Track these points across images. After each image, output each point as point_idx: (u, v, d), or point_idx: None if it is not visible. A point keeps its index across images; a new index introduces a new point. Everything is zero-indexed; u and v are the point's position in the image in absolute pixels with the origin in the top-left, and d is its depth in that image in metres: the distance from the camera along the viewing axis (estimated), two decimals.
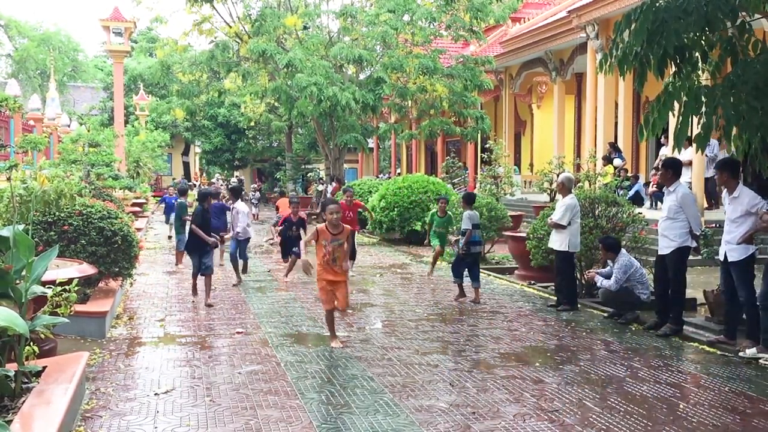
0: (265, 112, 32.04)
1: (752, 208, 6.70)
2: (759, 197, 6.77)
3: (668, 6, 5.10)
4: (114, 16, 26.38)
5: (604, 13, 16.18)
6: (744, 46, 5.21)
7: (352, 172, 38.48)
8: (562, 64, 20.31)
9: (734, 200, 6.86)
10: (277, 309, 8.87)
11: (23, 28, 51.82)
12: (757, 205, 6.68)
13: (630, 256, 8.54)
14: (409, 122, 27.47)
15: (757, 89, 4.75)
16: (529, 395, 5.55)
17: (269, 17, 21.44)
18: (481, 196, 15.67)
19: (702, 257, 10.68)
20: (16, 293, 4.90)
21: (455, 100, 21.41)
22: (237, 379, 5.91)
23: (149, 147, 33.03)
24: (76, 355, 5.71)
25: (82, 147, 18.25)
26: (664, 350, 7.02)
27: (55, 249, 5.65)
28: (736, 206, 6.83)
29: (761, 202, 6.69)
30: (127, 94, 38.11)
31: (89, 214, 8.23)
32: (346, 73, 22.62)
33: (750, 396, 5.56)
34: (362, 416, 5.02)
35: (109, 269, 8.30)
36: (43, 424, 4.11)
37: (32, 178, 8.81)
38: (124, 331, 7.71)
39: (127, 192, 21.81)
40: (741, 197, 6.81)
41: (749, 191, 6.89)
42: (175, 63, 23.38)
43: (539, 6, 25.52)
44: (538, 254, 10.31)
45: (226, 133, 42.45)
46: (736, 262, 6.81)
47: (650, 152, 18.64)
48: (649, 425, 4.89)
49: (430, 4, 21.35)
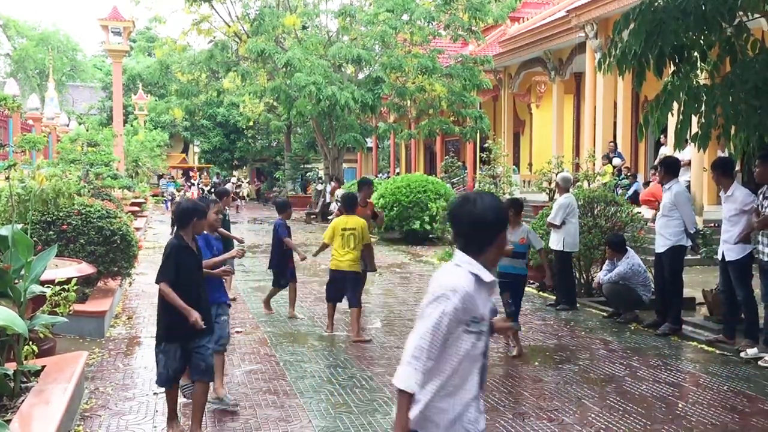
0: (264, 111, 32.04)
1: (745, 206, 6.70)
2: (753, 195, 6.77)
3: (667, 6, 5.11)
4: (113, 16, 26.36)
5: (603, 13, 16.17)
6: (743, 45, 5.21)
7: (351, 171, 38.46)
8: (561, 63, 20.29)
9: (728, 199, 6.88)
10: (276, 308, 8.86)
11: (22, 28, 51.80)
12: (750, 203, 6.67)
13: (638, 259, 8.47)
14: (408, 122, 27.47)
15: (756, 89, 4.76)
16: (528, 394, 5.55)
17: (268, 17, 21.44)
18: None
19: (701, 256, 10.68)
20: (15, 292, 4.89)
21: (454, 100, 21.42)
22: (237, 379, 5.91)
23: (148, 146, 33.03)
24: (75, 355, 5.71)
25: (80, 146, 18.24)
26: (663, 349, 7.03)
27: (53, 248, 5.65)
28: (731, 205, 6.84)
29: (755, 200, 6.68)
30: (126, 94, 38.08)
31: (88, 213, 8.22)
32: (345, 73, 22.63)
33: (749, 395, 5.56)
34: (361, 416, 5.02)
35: (108, 269, 8.29)
36: (42, 424, 4.11)
37: (31, 177, 8.80)
38: (123, 331, 7.71)
39: (126, 191, 21.78)
40: (735, 195, 6.81)
41: (743, 189, 6.89)
42: (174, 62, 23.39)
43: (538, 6, 25.50)
44: (536, 253, 10.29)
45: (224, 133, 42.45)
46: (734, 262, 6.81)
47: (649, 152, 18.64)
48: (648, 424, 4.90)
49: (428, 3, 21.35)
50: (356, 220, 7.54)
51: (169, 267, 4.53)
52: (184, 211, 4.70)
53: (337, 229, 7.50)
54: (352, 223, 7.49)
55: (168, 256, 4.58)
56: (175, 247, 4.60)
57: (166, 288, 4.49)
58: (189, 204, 4.86)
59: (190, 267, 4.63)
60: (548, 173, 16.70)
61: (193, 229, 4.70)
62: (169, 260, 4.55)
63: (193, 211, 4.71)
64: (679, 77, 5.30)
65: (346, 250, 7.41)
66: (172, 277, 4.51)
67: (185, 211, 4.70)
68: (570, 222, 8.91)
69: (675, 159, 8.09)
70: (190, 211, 4.71)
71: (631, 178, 15.93)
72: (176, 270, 4.52)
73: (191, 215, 4.68)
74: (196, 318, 4.43)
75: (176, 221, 4.73)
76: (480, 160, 22.82)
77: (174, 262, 4.53)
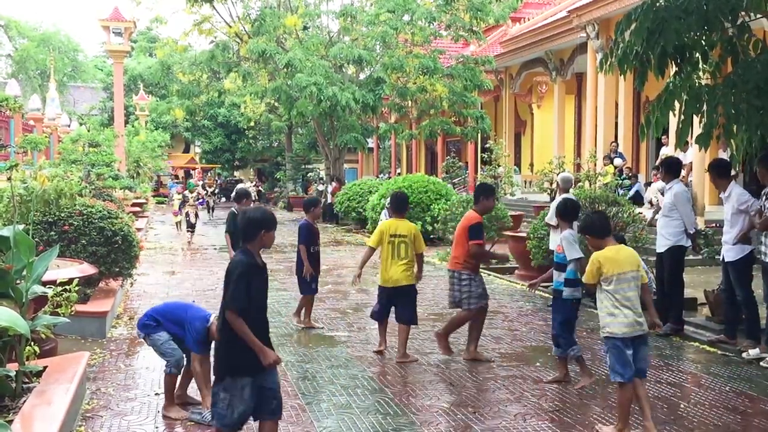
0: (265, 112, 32.06)
1: (741, 205, 6.69)
2: (747, 195, 6.77)
3: (668, 6, 5.10)
4: (114, 16, 26.38)
5: (605, 13, 16.17)
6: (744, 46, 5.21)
7: (352, 172, 38.46)
8: (563, 63, 20.29)
9: (727, 199, 6.89)
10: (277, 309, 8.86)
11: (23, 29, 51.81)
12: (746, 202, 6.66)
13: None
14: (409, 122, 27.48)
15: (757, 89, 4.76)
16: (529, 395, 5.55)
17: (269, 17, 21.46)
18: None
19: (702, 257, 10.67)
20: (17, 293, 4.90)
21: (455, 100, 21.42)
22: None
23: (149, 147, 33.04)
24: (76, 355, 5.71)
25: (82, 147, 18.27)
26: (664, 350, 7.02)
27: (55, 249, 5.65)
28: (728, 205, 6.85)
29: (750, 200, 6.67)
30: (127, 94, 38.11)
31: (90, 214, 8.22)
32: (346, 73, 22.64)
33: (751, 396, 5.56)
34: (363, 416, 5.02)
35: (109, 269, 8.30)
36: (43, 424, 4.11)
37: (32, 178, 8.80)
38: (125, 331, 7.71)
39: (127, 192, 21.81)
40: (731, 196, 6.81)
41: (738, 189, 6.88)
42: (175, 63, 23.41)
43: (539, 6, 25.50)
44: (538, 254, 10.30)
45: (226, 133, 42.49)
46: (733, 262, 6.81)
47: (650, 152, 18.64)
48: None
49: (429, 4, 21.36)
50: (407, 225, 6.58)
51: (241, 291, 3.68)
52: (251, 221, 3.83)
53: (386, 234, 6.50)
54: (403, 228, 6.51)
55: (240, 276, 3.71)
56: (246, 266, 3.74)
57: (237, 319, 3.66)
58: (257, 212, 3.94)
59: (261, 290, 3.84)
60: (549, 173, 16.71)
61: (261, 243, 3.85)
62: (240, 282, 3.68)
63: (261, 221, 3.84)
64: (681, 77, 5.30)
65: (394, 260, 6.46)
66: (245, 305, 3.68)
67: (253, 222, 3.82)
68: None
69: (676, 159, 8.10)
70: (258, 221, 3.83)
71: (632, 178, 15.94)
72: (248, 295, 3.68)
73: (259, 226, 3.83)
74: (274, 360, 3.73)
75: (241, 233, 3.90)
76: (481, 161, 22.84)
77: (246, 285, 3.69)
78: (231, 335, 3.72)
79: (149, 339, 5.10)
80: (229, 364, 3.74)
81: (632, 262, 4.70)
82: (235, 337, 3.70)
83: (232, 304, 3.68)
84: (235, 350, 3.71)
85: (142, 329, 5.13)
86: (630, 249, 4.95)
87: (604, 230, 4.85)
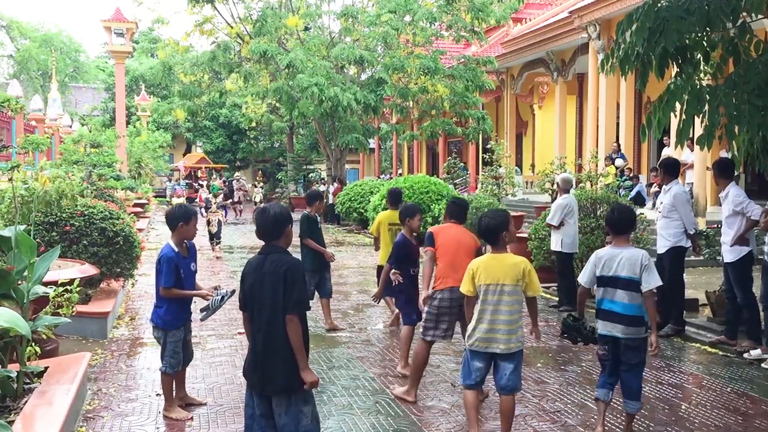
0: (267, 112, 32.08)
1: (737, 207, 6.67)
2: (744, 195, 6.74)
3: (670, 6, 5.10)
4: (115, 17, 26.39)
5: (606, 14, 16.17)
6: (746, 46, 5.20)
7: (354, 172, 38.48)
8: (564, 64, 20.30)
9: (724, 199, 6.88)
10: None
11: (25, 29, 51.91)
12: (741, 203, 6.64)
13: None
14: (411, 123, 27.49)
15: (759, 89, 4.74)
16: (531, 396, 5.55)
17: (270, 18, 21.47)
18: (482, 197, 15.68)
19: (704, 257, 10.66)
20: (18, 294, 4.90)
21: (456, 101, 21.43)
22: (239, 379, 5.90)
23: (151, 147, 33.07)
24: (77, 356, 5.72)
25: (83, 147, 18.26)
26: (665, 351, 7.01)
27: (56, 249, 5.65)
28: (725, 206, 6.84)
29: (746, 201, 6.65)
30: (129, 95, 38.15)
31: (91, 214, 8.22)
32: (348, 74, 22.65)
33: (752, 396, 5.55)
34: (364, 417, 5.02)
35: (110, 270, 8.30)
36: (45, 425, 4.11)
37: (34, 178, 8.81)
38: (126, 332, 7.71)
39: (129, 192, 21.82)
40: (728, 196, 6.80)
41: (735, 190, 6.84)
42: (177, 63, 23.42)
43: (541, 6, 25.52)
44: (539, 255, 10.30)
45: (227, 134, 42.51)
46: (731, 263, 6.80)
47: (652, 153, 18.63)
48: (651, 426, 4.89)
49: (431, 4, 21.37)
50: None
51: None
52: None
53: (384, 223, 7.24)
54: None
55: (303, 278, 3.68)
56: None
57: (300, 325, 3.62)
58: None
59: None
60: (551, 174, 16.70)
61: (284, 243, 3.76)
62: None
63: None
64: (682, 78, 5.29)
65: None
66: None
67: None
68: (568, 223, 8.90)
69: (675, 160, 8.08)
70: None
71: (633, 179, 15.93)
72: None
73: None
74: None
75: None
76: (483, 161, 22.83)
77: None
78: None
79: (169, 333, 4.99)
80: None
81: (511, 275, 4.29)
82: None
83: (303, 307, 3.60)
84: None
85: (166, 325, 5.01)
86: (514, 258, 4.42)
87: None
